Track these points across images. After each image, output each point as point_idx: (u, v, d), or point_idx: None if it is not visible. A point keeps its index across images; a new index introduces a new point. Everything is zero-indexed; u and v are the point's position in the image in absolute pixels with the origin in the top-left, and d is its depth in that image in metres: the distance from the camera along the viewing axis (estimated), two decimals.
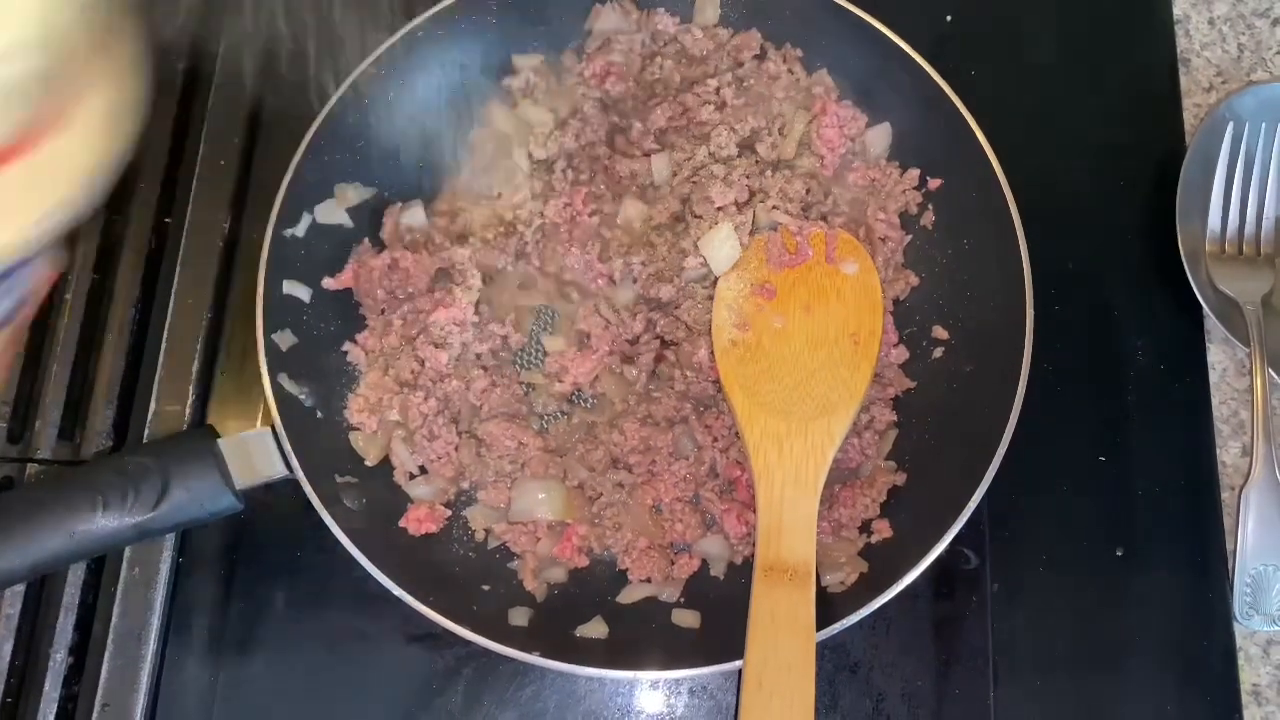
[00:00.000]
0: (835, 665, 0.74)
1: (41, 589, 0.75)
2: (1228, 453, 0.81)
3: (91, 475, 0.64)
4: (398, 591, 0.67)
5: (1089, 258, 0.84)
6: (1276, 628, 0.76)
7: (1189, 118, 0.88)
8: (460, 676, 0.74)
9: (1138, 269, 0.84)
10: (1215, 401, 0.82)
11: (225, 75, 0.86)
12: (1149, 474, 0.80)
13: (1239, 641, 0.76)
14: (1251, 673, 0.76)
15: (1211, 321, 0.82)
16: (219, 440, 0.68)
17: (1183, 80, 0.90)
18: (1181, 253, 0.82)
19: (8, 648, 0.74)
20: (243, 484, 0.68)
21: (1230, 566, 0.77)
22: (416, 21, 0.79)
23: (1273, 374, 0.79)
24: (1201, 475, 0.80)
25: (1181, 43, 0.91)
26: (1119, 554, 0.77)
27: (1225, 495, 0.79)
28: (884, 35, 0.79)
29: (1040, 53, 0.91)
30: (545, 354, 0.79)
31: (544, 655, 0.67)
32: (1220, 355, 0.83)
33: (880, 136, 0.82)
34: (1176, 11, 0.92)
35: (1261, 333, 0.80)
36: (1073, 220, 0.85)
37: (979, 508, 0.70)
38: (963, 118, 0.78)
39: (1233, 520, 0.78)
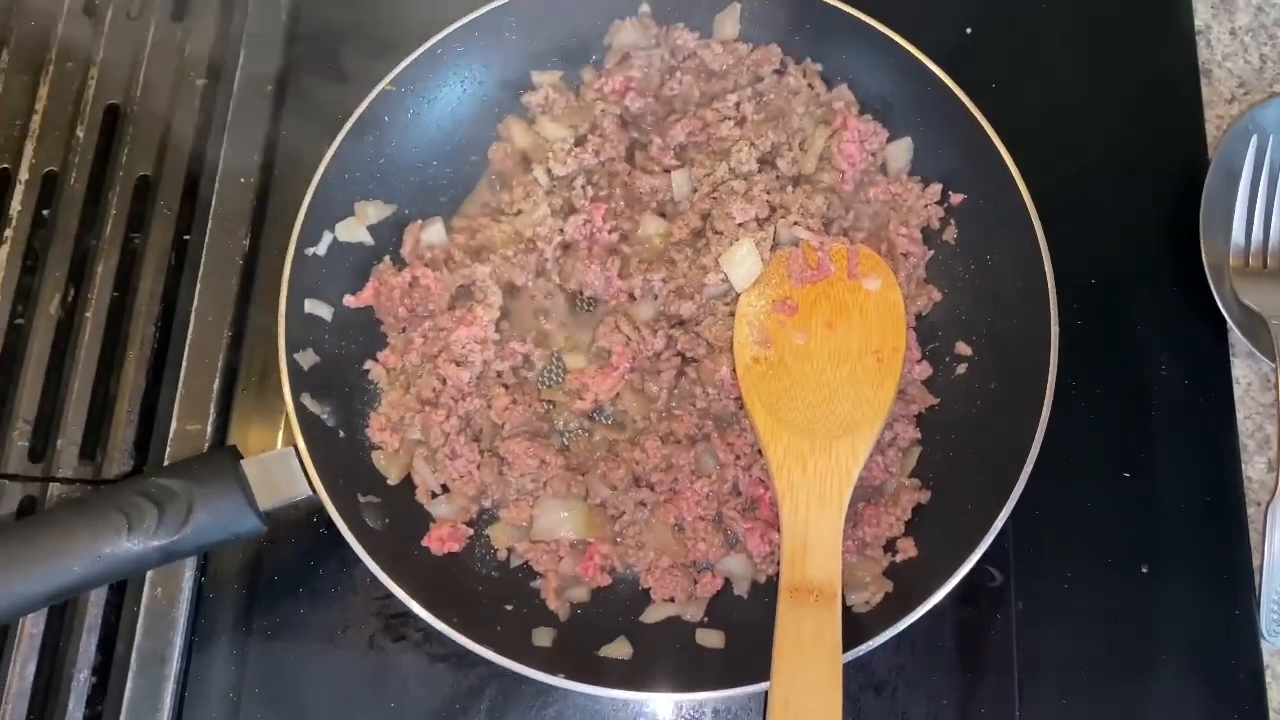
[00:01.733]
0: (860, 684, 0.74)
1: (65, 609, 0.75)
2: (1253, 468, 0.80)
3: (117, 498, 0.64)
4: (421, 612, 0.67)
5: (1112, 272, 0.84)
6: None
7: (1211, 129, 0.88)
8: (484, 696, 0.74)
9: (1161, 283, 0.84)
10: (1240, 416, 0.81)
11: (245, 89, 0.86)
12: (1174, 490, 0.79)
13: (1266, 659, 0.76)
14: (1279, 692, 0.76)
15: (1236, 336, 0.81)
16: (242, 461, 0.68)
17: (1205, 91, 0.89)
18: (1205, 266, 0.81)
19: (32, 667, 0.74)
20: (266, 505, 0.68)
21: (1257, 583, 0.77)
22: (436, 39, 0.79)
23: None
24: (1227, 491, 0.79)
25: (1203, 54, 0.91)
26: (1144, 571, 0.77)
27: (1251, 511, 0.79)
28: (904, 49, 0.79)
29: (1060, 65, 0.90)
30: (566, 371, 0.78)
31: (568, 677, 0.66)
32: (1245, 370, 0.83)
33: (901, 151, 0.82)
34: (1198, 22, 0.92)
35: None
36: (1095, 234, 0.84)
37: (1004, 525, 0.70)
38: (984, 132, 0.77)
39: (1259, 536, 0.77)
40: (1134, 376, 0.82)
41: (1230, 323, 0.81)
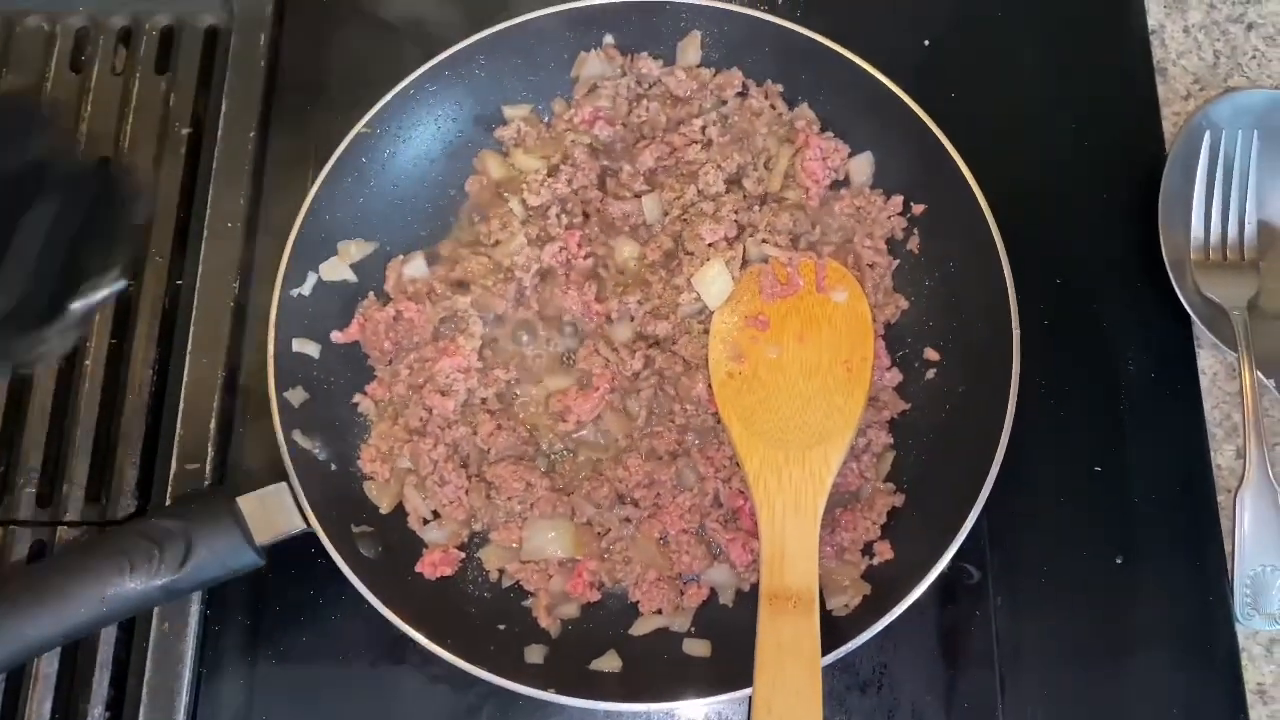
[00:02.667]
0: (845, 684, 0.76)
1: (77, 648, 0.78)
2: (1222, 456, 0.82)
3: (119, 540, 0.67)
4: (417, 636, 0.69)
5: (1076, 272, 0.86)
6: (1278, 627, 0.77)
7: (1168, 126, 0.90)
8: (482, 713, 0.76)
9: (1124, 280, 0.86)
10: (1207, 406, 0.83)
11: (228, 137, 0.89)
12: (1145, 481, 0.81)
13: (1241, 642, 0.78)
14: (1255, 672, 0.78)
15: (1199, 328, 0.83)
16: (238, 499, 0.71)
17: (1160, 89, 0.92)
18: (1166, 261, 0.83)
19: (47, 705, 0.77)
20: (263, 540, 0.70)
21: (1229, 568, 0.79)
22: (408, 80, 0.82)
23: (1261, 376, 0.81)
24: (1197, 480, 0.81)
25: (1158, 52, 0.93)
26: (1119, 561, 0.79)
27: (1221, 498, 0.81)
28: (860, 67, 0.81)
29: (1017, 71, 0.92)
30: (549, 394, 0.81)
31: (559, 692, 0.69)
32: (1210, 360, 0.85)
33: (863, 165, 0.84)
34: (1151, 22, 0.94)
35: (1248, 337, 0.81)
36: (1058, 235, 0.86)
37: (979, 523, 0.72)
38: (940, 143, 0.80)
39: (1229, 523, 0.79)
40: (1101, 372, 0.84)
41: (1193, 315, 0.83)
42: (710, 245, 0.81)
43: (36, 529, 0.81)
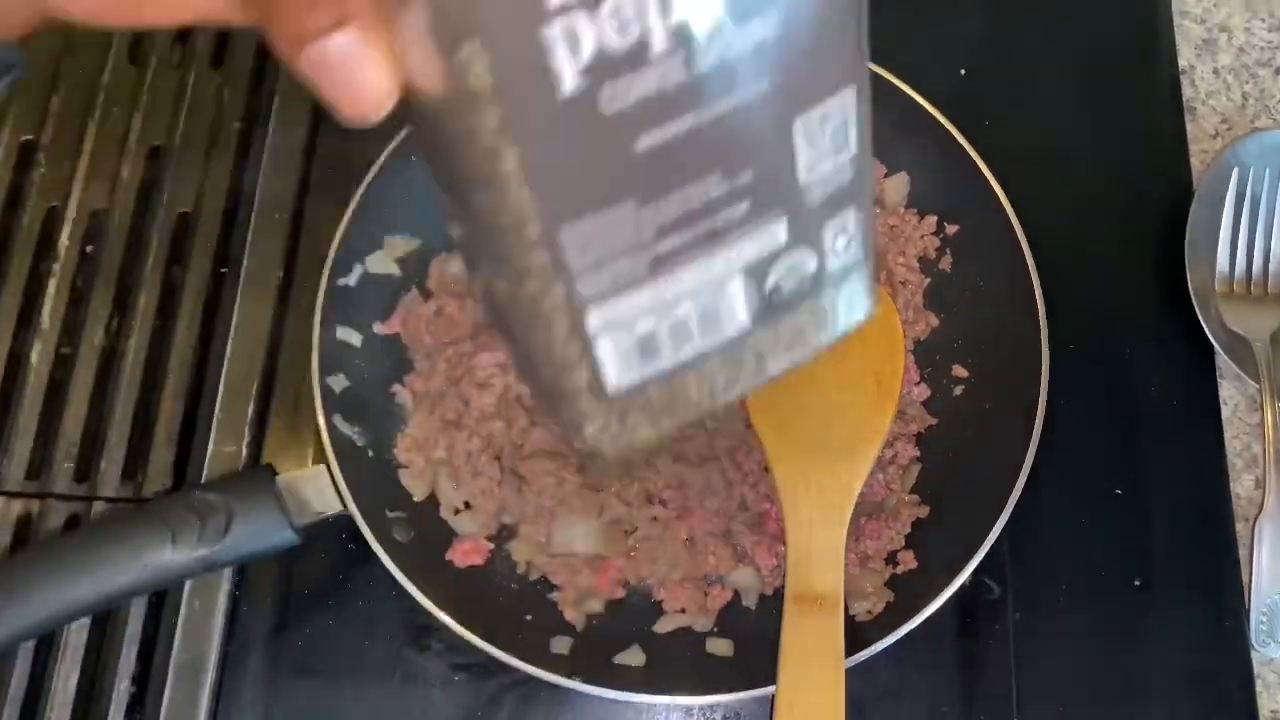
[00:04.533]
0: (864, 692, 0.77)
1: (106, 622, 0.79)
2: (1241, 485, 0.84)
3: (162, 510, 0.68)
4: (446, 619, 0.70)
5: (1102, 299, 0.88)
6: None
7: (1196, 164, 0.92)
8: (503, 704, 0.77)
9: (1150, 309, 0.88)
10: (1228, 436, 0.85)
11: (279, 133, 0.92)
12: (1165, 507, 0.83)
13: (1257, 669, 0.79)
14: (1270, 700, 0.79)
15: (1222, 359, 0.85)
16: (277, 478, 0.72)
17: (1189, 128, 0.94)
18: (1191, 293, 0.85)
19: (74, 678, 0.78)
20: (299, 520, 0.72)
21: (1246, 596, 0.80)
22: None
23: None
24: (1216, 508, 0.83)
25: (1187, 92, 0.96)
26: (1137, 584, 0.80)
27: (1240, 527, 0.82)
28: (899, 89, 0.84)
29: (1051, 103, 0.95)
30: None
31: (584, 681, 0.70)
32: (1232, 391, 0.86)
33: (898, 185, 0.86)
34: (1182, 62, 0.97)
35: (1270, 369, 0.83)
36: (1086, 263, 0.88)
37: (1000, 540, 0.73)
38: (977, 166, 0.82)
39: (1247, 551, 0.81)
40: (1125, 398, 0.86)
41: (1217, 346, 0.84)
42: None
43: (73, 503, 0.82)
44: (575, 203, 0.33)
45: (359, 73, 0.33)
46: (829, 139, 0.36)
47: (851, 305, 0.42)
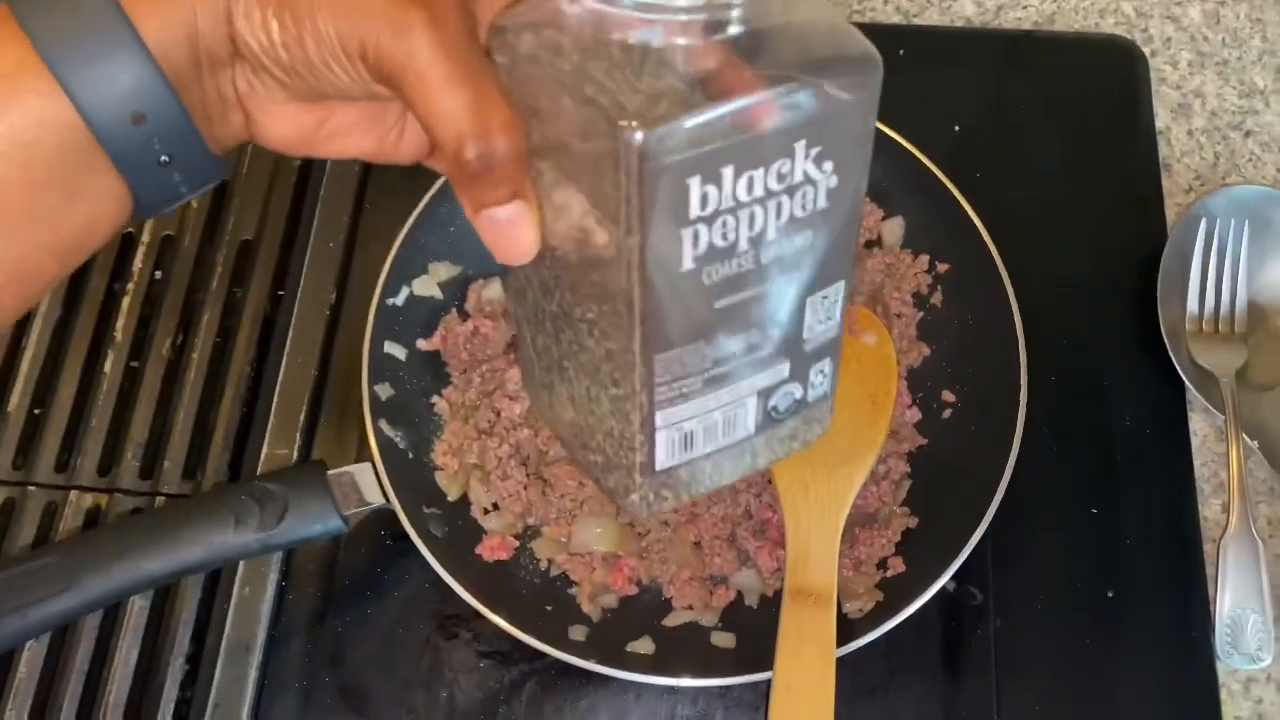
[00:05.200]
0: (854, 687, 0.83)
1: (164, 604, 0.87)
2: (1209, 509, 0.90)
3: (226, 496, 0.76)
4: (476, 604, 0.78)
5: (1081, 337, 0.96)
6: (1255, 666, 0.84)
7: (1171, 216, 1.01)
8: (524, 689, 0.84)
9: (1125, 346, 0.95)
10: (1197, 464, 0.92)
11: (336, 169, 1.02)
12: (1137, 526, 0.89)
13: (1221, 678, 0.85)
14: (1234, 707, 0.84)
15: (1192, 393, 0.92)
16: (328, 472, 0.80)
17: (1165, 183, 1.02)
18: (1163, 332, 0.93)
19: (134, 654, 0.85)
20: (347, 510, 0.79)
21: (1212, 610, 0.86)
22: None
23: (1246, 439, 0.90)
24: (1185, 529, 0.89)
25: (1164, 150, 1.04)
26: (1110, 595, 0.87)
27: (1207, 547, 0.89)
28: (899, 144, 0.93)
29: (1037, 159, 1.04)
30: None
31: (599, 663, 0.77)
32: (1201, 423, 0.93)
33: (895, 227, 0.95)
34: (1159, 123, 1.05)
35: (1236, 403, 0.90)
36: (1066, 304, 0.96)
37: (984, 551, 0.81)
38: (967, 213, 0.90)
39: (1214, 569, 0.87)
40: (1101, 427, 0.93)
41: (1187, 381, 0.92)
42: None
43: (138, 497, 0.91)
44: (670, 339, 0.47)
45: (517, 232, 0.45)
46: (824, 312, 0.52)
47: (820, 423, 0.59)
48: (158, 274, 1.01)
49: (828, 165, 0.45)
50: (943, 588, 0.79)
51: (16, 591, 0.72)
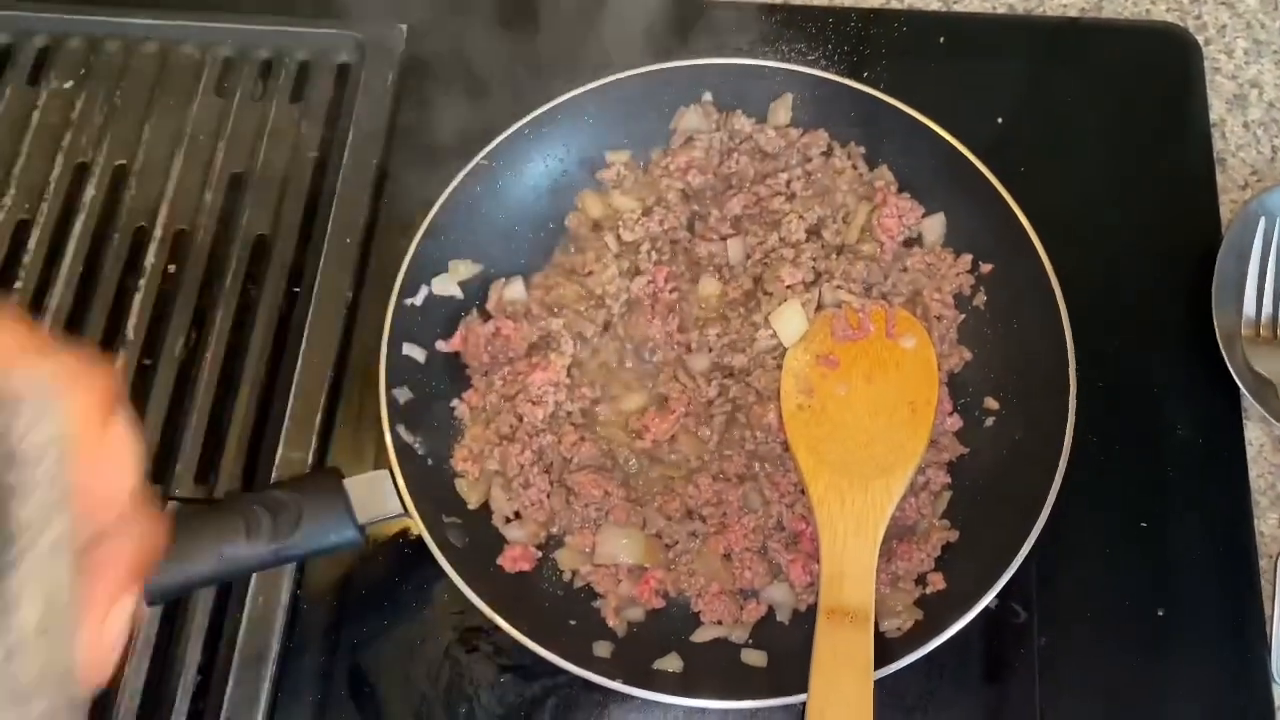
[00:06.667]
0: (893, 708, 0.80)
1: (175, 615, 0.84)
2: (1265, 523, 0.86)
3: (238, 505, 0.73)
4: (496, 618, 0.75)
5: (1132, 340, 0.91)
6: None
7: (1225, 213, 0.96)
8: (546, 706, 0.81)
9: (1177, 351, 0.91)
10: (1253, 475, 0.87)
11: (353, 163, 0.98)
12: (1190, 541, 0.85)
13: (1277, 701, 0.80)
14: None
15: (1248, 401, 0.88)
16: (344, 480, 0.77)
17: (1219, 179, 0.97)
18: (1218, 336, 0.88)
19: (145, 665, 0.83)
20: (363, 519, 0.76)
21: (1268, 631, 0.82)
22: (524, 121, 0.90)
23: None
24: (1240, 544, 0.85)
25: (1218, 144, 0.99)
26: (1160, 614, 0.82)
27: (1263, 563, 0.84)
28: (939, 135, 0.88)
29: (1085, 152, 0.99)
30: (629, 413, 0.87)
31: (625, 683, 0.74)
32: (1257, 432, 0.89)
33: (935, 225, 0.91)
34: (1213, 116, 1.00)
35: None
36: (1116, 305, 0.92)
37: (1029, 567, 0.76)
38: (1011, 210, 0.86)
39: (1270, 586, 0.83)
40: (1152, 436, 0.88)
41: (1242, 388, 0.87)
42: (788, 287, 0.87)
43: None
44: None
45: None
46: None
47: None
48: (170, 269, 0.98)
49: None
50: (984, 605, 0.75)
51: None
